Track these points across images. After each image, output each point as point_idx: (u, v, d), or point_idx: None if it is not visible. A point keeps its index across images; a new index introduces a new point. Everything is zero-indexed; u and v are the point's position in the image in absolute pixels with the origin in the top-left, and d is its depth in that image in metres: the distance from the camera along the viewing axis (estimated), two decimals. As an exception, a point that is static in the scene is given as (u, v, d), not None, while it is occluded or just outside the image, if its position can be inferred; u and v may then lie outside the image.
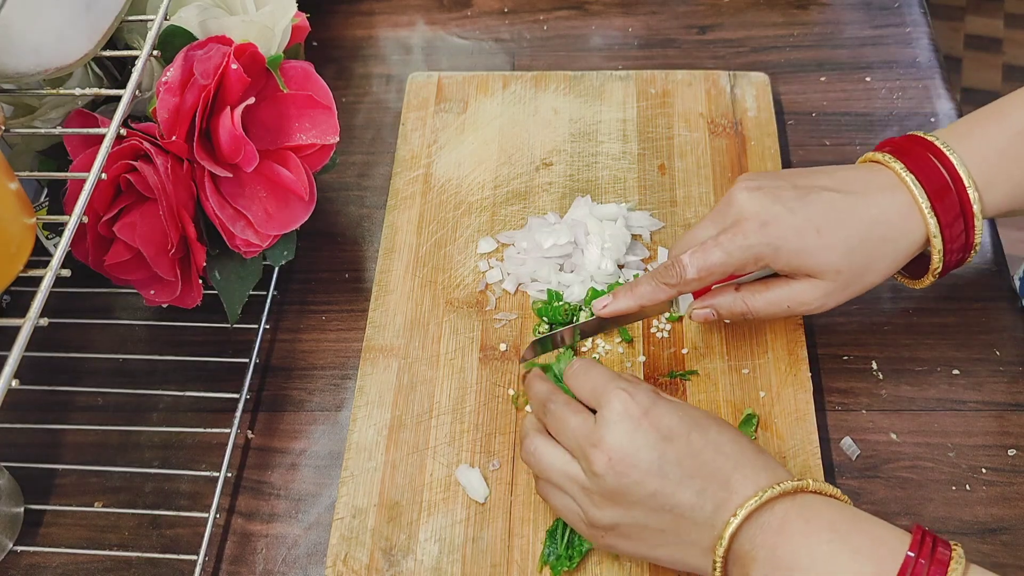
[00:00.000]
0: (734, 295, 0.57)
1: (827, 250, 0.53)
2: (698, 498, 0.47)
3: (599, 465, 0.48)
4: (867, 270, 0.54)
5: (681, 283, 0.56)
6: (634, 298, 0.58)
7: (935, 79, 0.79)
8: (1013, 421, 0.60)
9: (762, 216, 0.54)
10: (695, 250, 0.55)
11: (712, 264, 0.55)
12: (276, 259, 0.63)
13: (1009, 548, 0.55)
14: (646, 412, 0.48)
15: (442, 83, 0.78)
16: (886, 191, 0.54)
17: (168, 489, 0.61)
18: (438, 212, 0.70)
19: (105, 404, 0.65)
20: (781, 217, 0.53)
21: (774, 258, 0.54)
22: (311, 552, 0.58)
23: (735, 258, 0.54)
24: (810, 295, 0.55)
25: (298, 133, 0.59)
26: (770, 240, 0.53)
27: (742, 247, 0.54)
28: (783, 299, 0.55)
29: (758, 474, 0.47)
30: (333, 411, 0.64)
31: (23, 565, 0.58)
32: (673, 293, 0.57)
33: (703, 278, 0.55)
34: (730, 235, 0.54)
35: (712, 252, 0.54)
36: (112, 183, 0.56)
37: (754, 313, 0.57)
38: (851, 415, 0.61)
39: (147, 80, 0.57)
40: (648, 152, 0.73)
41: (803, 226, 0.53)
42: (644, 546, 0.49)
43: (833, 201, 0.54)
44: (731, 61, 0.81)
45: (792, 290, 0.55)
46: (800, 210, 0.54)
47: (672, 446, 0.48)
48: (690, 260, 0.55)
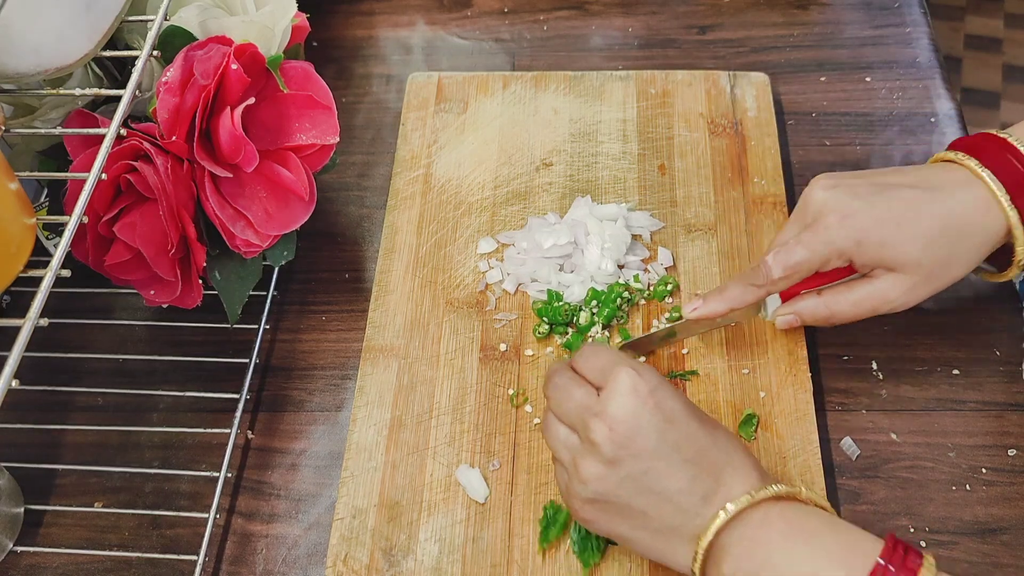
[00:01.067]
0: (816, 300, 0.57)
1: (908, 242, 0.53)
2: (688, 484, 0.47)
3: (598, 434, 0.48)
4: (948, 262, 0.55)
5: (768, 283, 0.56)
6: (723, 301, 0.58)
7: (935, 79, 0.79)
8: (1013, 421, 0.60)
9: (842, 211, 0.54)
10: (779, 250, 0.56)
11: (796, 262, 0.55)
12: (276, 259, 0.63)
13: (1009, 548, 0.55)
14: (652, 391, 0.48)
15: (442, 83, 0.78)
16: (963, 186, 0.54)
17: (168, 489, 0.61)
18: (438, 212, 0.70)
19: (105, 404, 0.65)
20: (861, 211, 0.54)
21: (856, 252, 0.54)
22: (311, 552, 0.58)
23: (818, 254, 0.55)
24: (894, 291, 0.55)
25: (298, 133, 0.59)
26: (851, 234, 0.54)
27: (824, 242, 0.54)
28: (867, 298, 0.56)
29: (749, 474, 0.48)
30: (333, 411, 0.64)
31: (23, 565, 0.58)
32: (761, 294, 0.57)
33: (789, 276, 0.56)
34: (811, 232, 0.55)
35: (795, 250, 0.55)
36: (112, 183, 0.56)
37: (838, 316, 0.57)
38: (851, 415, 0.61)
39: (147, 80, 0.57)
40: (648, 152, 0.73)
41: (883, 219, 0.54)
42: (624, 526, 0.49)
43: (911, 196, 0.54)
44: (731, 61, 0.81)
45: (875, 288, 0.55)
46: (879, 204, 0.54)
47: (673, 429, 0.48)
48: (774, 260, 0.56)
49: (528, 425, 0.60)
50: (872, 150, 0.74)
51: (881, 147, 0.74)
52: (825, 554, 0.45)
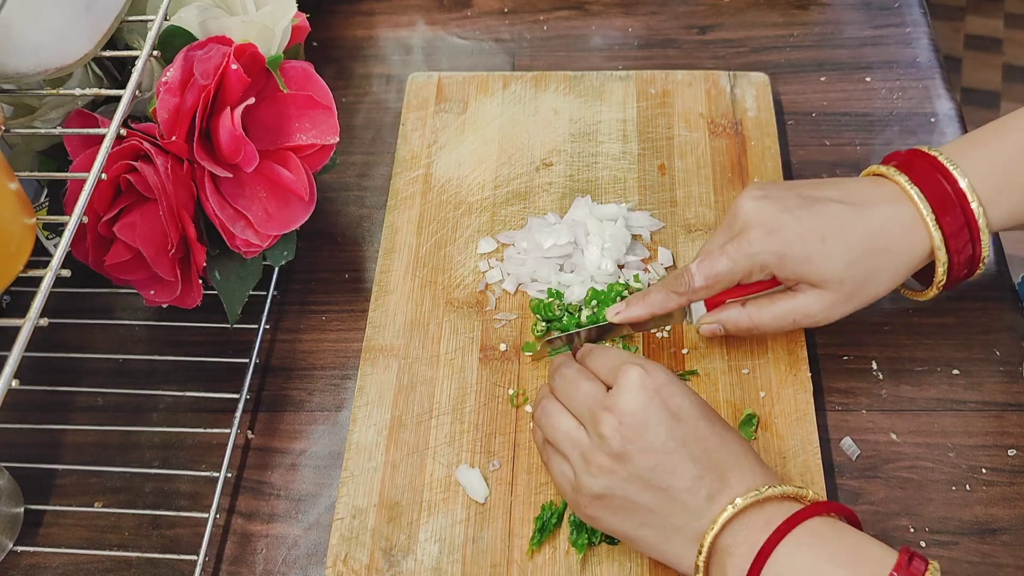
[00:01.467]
0: (740, 310, 0.58)
1: (831, 259, 0.54)
2: (694, 483, 0.47)
3: (607, 427, 0.48)
4: (870, 281, 0.55)
5: (689, 291, 0.57)
6: (646, 306, 0.59)
7: (935, 79, 0.79)
8: (1013, 421, 0.60)
9: (768, 224, 0.54)
10: (702, 259, 0.56)
11: (719, 272, 0.56)
12: (276, 259, 0.63)
13: (1009, 548, 0.55)
14: (659, 388, 0.49)
15: (442, 83, 0.78)
16: (890, 203, 0.55)
17: (168, 489, 0.61)
18: (438, 212, 0.70)
19: (105, 404, 0.65)
20: (786, 225, 0.54)
21: (778, 266, 0.55)
22: (311, 552, 0.58)
23: (741, 266, 0.55)
24: (815, 306, 0.55)
25: (298, 133, 0.59)
26: (775, 248, 0.54)
27: (748, 255, 0.55)
28: (788, 312, 0.56)
29: (755, 475, 0.48)
30: (333, 411, 0.64)
31: (23, 565, 0.58)
32: (683, 301, 0.58)
33: (711, 286, 0.56)
34: (736, 243, 0.55)
35: (719, 260, 0.55)
36: (112, 183, 0.56)
37: (760, 327, 0.57)
38: (851, 415, 0.61)
39: (147, 80, 0.57)
40: (648, 152, 0.73)
41: (808, 234, 0.54)
42: (628, 523, 0.49)
43: (838, 211, 0.54)
44: (731, 61, 0.81)
45: (797, 303, 0.56)
46: (805, 219, 0.54)
47: (680, 426, 0.48)
48: (697, 268, 0.56)
49: (528, 425, 0.60)
50: (872, 150, 0.74)
51: (881, 147, 0.74)
52: (831, 560, 0.45)
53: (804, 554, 0.45)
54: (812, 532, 0.46)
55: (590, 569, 0.54)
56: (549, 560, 0.55)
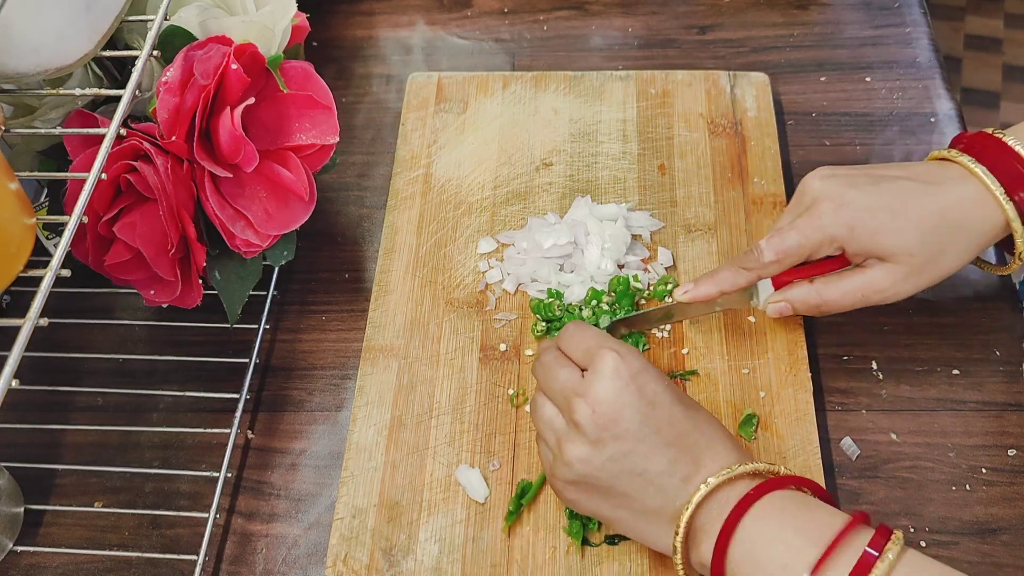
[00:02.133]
0: (808, 287, 0.57)
1: (901, 232, 0.54)
2: (669, 467, 0.47)
3: (581, 415, 0.48)
4: (941, 254, 0.54)
5: (759, 267, 0.56)
6: (715, 284, 0.58)
7: (935, 79, 0.79)
8: (1013, 421, 0.60)
9: (837, 199, 0.54)
10: (772, 234, 0.56)
11: (789, 246, 0.55)
12: (276, 259, 0.63)
13: (1009, 548, 0.55)
14: (635, 375, 0.49)
15: (442, 83, 0.78)
16: (958, 181, 0.55)
17: (168, 489, 0.61)
18: (438, 212, 0.70)
19: (105, 404, 0.65)
20: (856, 199, 0.54)
21: (849, 239, 0.54)
22: (311, 552, 0.58)
23: (811, 240, 0.55)
24: (885, 281, 0.55)
25: (298, 133, 0.59)
26: (846, 221, 0.54)
27: (818, 228, 0.55)
28: (858, 287, 0.56)
29: (728, 455, 0.48)
30: (333, 411, 0.64)
31: (23, 565, 0.58)
32: (752, 277, 0.58)
33: (781, 261, 0.56)
34: (806, 218, 0.55)
35: (788, 235, 0.55)
36: (112, 183, 0.56)
37: (829, 304, 0.57)
38: (851, 415, 0.61)
39: (147, 80, 0.57)
40: (648, 152, 0.73)
41: (878, 207, 0.54)
42: (605, 506, 0.49)
43: (907, 187, 0.55)
44: (731, 61, 0.81)
45: (866, 277, 0.55)
46: (874, 193, 0.54)
47: (655, 412, 0.48)
48: (767, 244, 0.56)
49: (528, 425, 0.60)
50: (872, 150, 0.74)
51: (881, 147, 0.74)
52: (794, 528, 0.45)
53: (768, 525, 0.45)
54: (777, 505, 0.46)
55: (590, 569, 0.54)
56: (549, 560, 0.55)
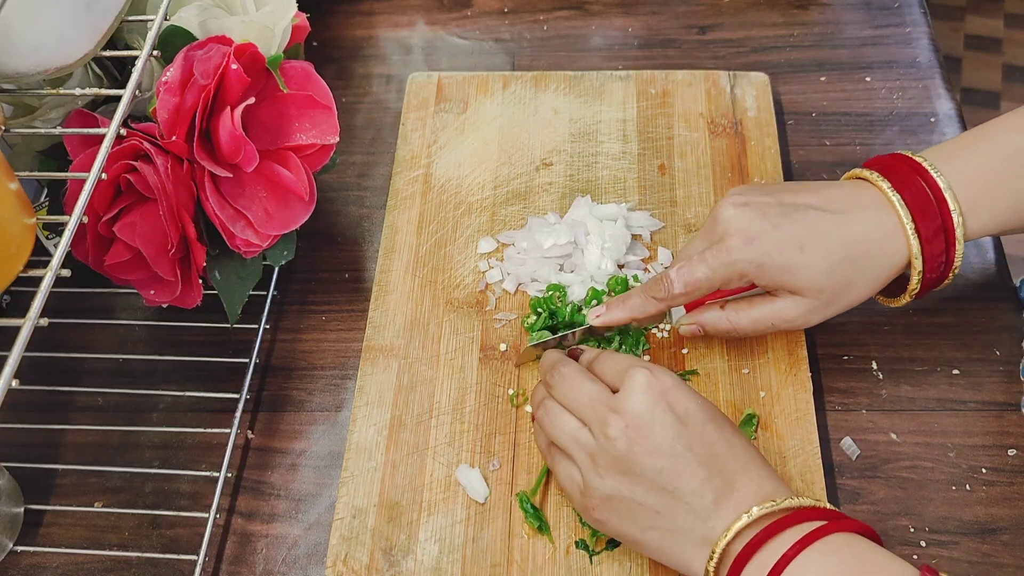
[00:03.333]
0: (719, 312, 0.58)
1: (809, 267, 0.54)
2: (701, 486, 0.47)
3: (614, 429, 0.48)
4: (849, 288, 0.55)
5: (668, 297, 0.57)
6: (625, 310, 0.59)
7: (935, 79, 0.79)
8: (1013, 421, 0.60)
9: (747, 232, 0.55)
10: (682, 265, 0.56)
11: (698, 279, 0.56)
12: (276, 259, 0.63)
13: (1009, 548, 0.55)
14: (666, 392, 0.49)
15: (442, 83, 0.78)
16: (871, 210, 0.55)
17: (168, 489, 0.61)
18: (438, 212, 0.70)
19: (105, 404, 0.65)
20: (766, 233, 0.54)
21: (758, 274, 0.55)
22: (311, 552, 0.58)
23: (719, 274, 0.55)
24: (793, 312, 0.56)
25: (298, 133, 0.59)
26: (754, 256, 0.54)
27: (726, 263, 0.55)
28: (767, 316, 0.57)
29: (763, 481, 0.48)
30: (333, 411, 0.64)
31: (23, 565, 0.58)
32: (662, 307, 0.58)
33: (689, 293, 0.57)
34: (715, 251, 0.55)
35: (697, 268, 0.56)
36: (112, 183, 0.56)
37: (739, 331, 0.58)
38: (851, 415, 0.61)
39: (147, 80, 0.57)
40: (648, 152, 0.73)
41: (787, 243, 0.54)
42: (634, 526, 0.49)
43: (817, 219, 0.54)
44: (731, 61, 0.81)
45: (776, 307, 0.56)
46: (785, 227, 0.54)
47: (687, 429, 0.48)
48: (677, 275, 0.56)
49: (528, 425, 0.60)
50: (872, 150, 0.74)
51: (881, 147, 0.74)
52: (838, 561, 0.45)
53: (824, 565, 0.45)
54: (833, 546, 0.45)
55: (590, 569, 0.54)
56: (549, 560, 0.55)
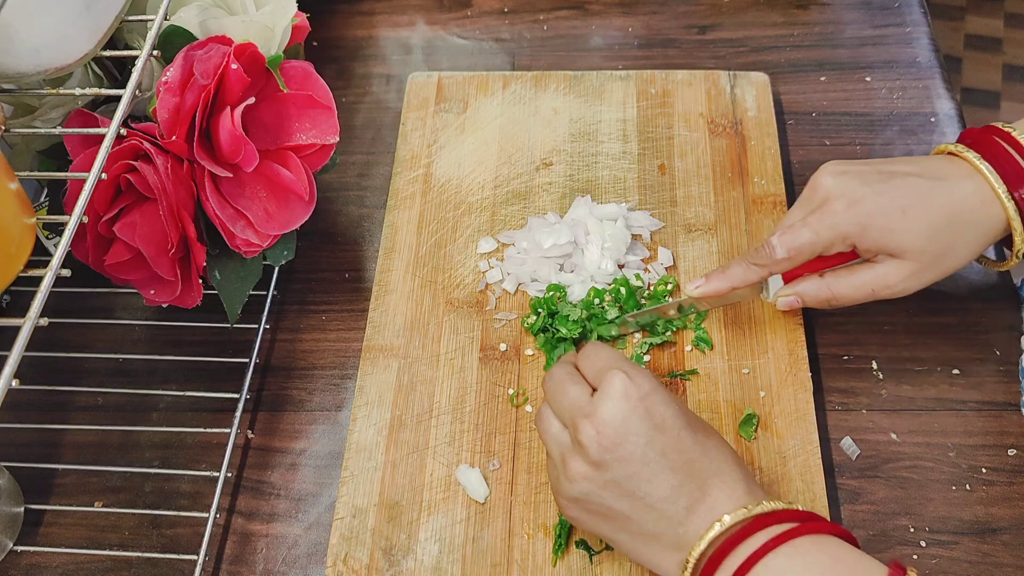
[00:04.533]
0: (818, 281, 0.58)
1: (912, 230, 0.54)
2: (672, 493, 0.47)
3: (586, 435, 0.48)
4: (950, 251, 0.55)
5: (771, 263, 0.57)
6: (726, 279, 0.59)
7: (935, 79, 0.79)
8: (1013, 421, 0.60)
9: (849, 196, 0.55)
10: (784, 231, 0.56)
11: (800, 243, 0.56)
12: (276, 259, 0.63)
13: (1009, 548, 0.55)
14: (643, 397, 0.48)
15: (442, 83, 0.78)
16: (965, 178, 0.55)
17: (168, 489, 0.61)
18: (438, 212, 0.70)
19: (105, 404, 0.65)
20: (868, 198, 0.54)
21: (860, 237, 0.55)
22: (311, 552, 0.58)
23: (823, 237, 0.55)
24: (894, 277, 0.55)
25: (298, 133, 0.59)
26: (857, 219, 0.54)
27: (830, 226, 0.55)
28: (867, 283, 0.56)
29: (736, 485, 0.48)
30: (333, 411, 0.64)
31: (23, 565, 0.58)
32: (764, 273, 0.58)
33: (792, 258, 0.56)
34: (818, 215, 0.55)
35: (800, 232, 0.55)
36: (112, 183, 0.56)
37: (838, 298, 0.57)
38: (851, 415, 0.61)
39: (147, 80, 0.57)
40: (648, 152, 0.73)
41: (889, 206, 0.54)
42: (606, 527, 0.49)
43: (918, 184, 0.55)
44: (731, 61, 0.81)
45: (876, 273, 0.56)
46: (886, 192, 0.54)
47: (661, 436, 0.48)
48: (779, 240, 0.56)
49: (528, 425, 0.60)
50: (872, 150, 0.74)
51: (881, 147, 0.74)
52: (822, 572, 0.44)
53: (791, 566, 0.45)
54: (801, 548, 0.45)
55: (590, 570, 0.54)
56: (549, 560, 0.55)
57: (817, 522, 0.46)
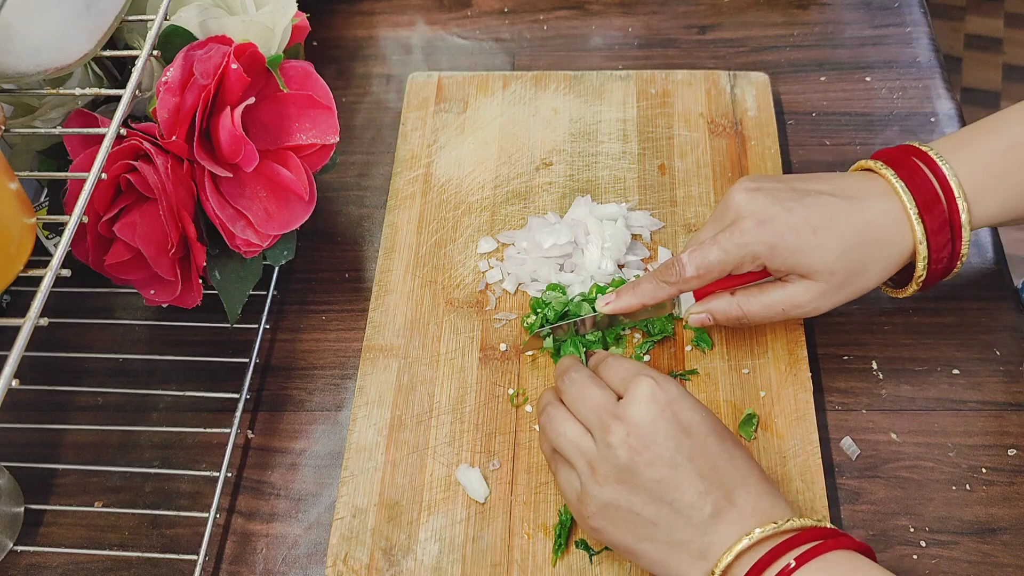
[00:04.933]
0: (729, 299, 0.58)
1: (822, 249, 0.54)
2: (699, 499, 0.47)
3: (616, 437, 0.48)
4: (860, 272, 0.55)
5: (680, 281, 0.57)
6: (636, 296, 0.59)
7: (935, 79, 0.79)
8: (1013, 421, 0.60)
9: (760, 215, 0.54)
10: (694, 249, 0.56)
11: (710, 262, 0.55)
12: (276, 259, 0.63)
13: (1009, 548, 0.55)
14: (671, 402, 0.49)
15: (442, 83, 0.78)
16: (880, 197, 0.55)
17: (168, 489, 0.61)
18: (438, 212, 0.70)
19: (105, 404, 0.65)
20: (778, 216, 0.54)
21: (770, 256, 0.55)
22: (311, 552, 0.58)
23: (732, 256, 0.55)
24: (804, 296, 0.55)
25: (298, 133, 0.59)
26: (767, 238, 0.54)
27: (739, 245, 0.55)
28: (778, 302, 0.56)
29: (761, 497, 0.48)
30: (333, 411, 0.64)
31: (23, 565, 0.58)
32: (673, 291, 0.58)
33: (702, 276, 0.56)
34: (728, 233, 0.55)
35: (710, 250, 0.55)
36: (112, 183, 0.56)
37: (749, 317, 0.57)
38: (851, 415, 0.61)
39: (147, 80, 0.57)
40: (648, 152, 0.73)
41: (800, 225, 0.54)
42: (631, 536, 0.49)
43: (830, 203, 0.54)
44: (731, 61, 0.81)
45: (787, 292, 0.56)
46: (797, 210, 0.54)
47: (689, 441, 0.48)
48: (689, 258, 0.56)
49: (528, 425, 0.60)
50: (872, 150, 0.74)
51: (881, 147, 0.74)
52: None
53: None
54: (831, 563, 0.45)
55: (590, 570, 0.54)
56: (549, 560, 0.55)
57: (843, 538, 0.47)
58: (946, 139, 0.57)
